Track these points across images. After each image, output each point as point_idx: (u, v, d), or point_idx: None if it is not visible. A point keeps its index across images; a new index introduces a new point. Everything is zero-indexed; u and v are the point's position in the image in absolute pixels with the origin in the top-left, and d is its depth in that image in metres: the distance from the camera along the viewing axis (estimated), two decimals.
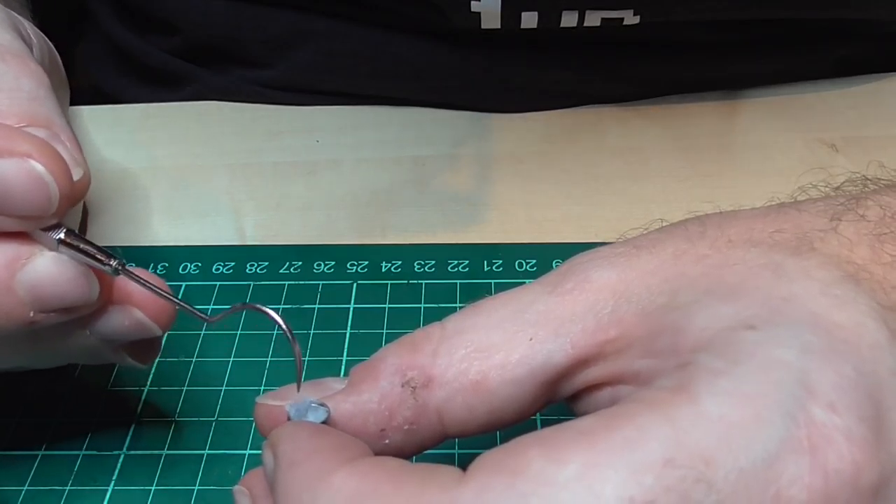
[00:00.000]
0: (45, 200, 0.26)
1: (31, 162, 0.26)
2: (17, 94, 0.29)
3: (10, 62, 0.30)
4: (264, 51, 0.51)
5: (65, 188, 0.26)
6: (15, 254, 0.27)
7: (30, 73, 0.30)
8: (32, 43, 0.33)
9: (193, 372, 0.36)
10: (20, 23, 0.33)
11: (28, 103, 0.29)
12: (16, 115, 0.28)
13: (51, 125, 0.29)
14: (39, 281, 0.27)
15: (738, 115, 0.50)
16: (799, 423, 0.20)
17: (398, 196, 0.45)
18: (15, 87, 0.29)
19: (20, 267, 0.27)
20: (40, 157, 0.26)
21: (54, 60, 0.36)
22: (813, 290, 0.22)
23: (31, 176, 0.26)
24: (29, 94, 0.29)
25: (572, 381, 0.25)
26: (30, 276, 0.27)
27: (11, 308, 0.27)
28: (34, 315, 0.27)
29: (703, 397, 0.20)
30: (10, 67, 0.30)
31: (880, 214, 0.25)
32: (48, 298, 0.27)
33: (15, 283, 0.27)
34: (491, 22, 0.45)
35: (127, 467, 0.33)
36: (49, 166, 0.26)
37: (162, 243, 0.43)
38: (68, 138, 0.29)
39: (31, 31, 0.34)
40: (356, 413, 0.25)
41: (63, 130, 0.29)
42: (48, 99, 0.30)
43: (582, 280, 0.25)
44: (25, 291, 0.27)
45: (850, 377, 0.21)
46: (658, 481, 0.19)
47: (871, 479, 0.20)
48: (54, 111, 0.29)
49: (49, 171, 0.26)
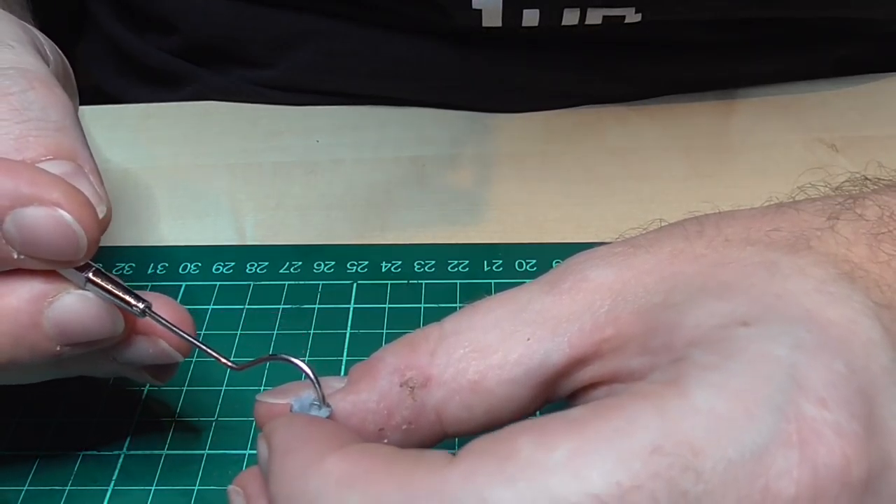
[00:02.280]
0: (73, 248, 0.26)
1: (60, 212, 0.26)
2: (44, 124, 0.29)
3: (38, 89, 0.29)
4: (264, 51, 0.51)
5: (92, 234, 0.27)
6: (43, 291, 0.27)
7: (56, 101, 0.30)
8: (49, 59, 0.33)
9: (193, 372, 0.36)
10: (36, 38, 0.33)
11: (54, 134, 0.29)
12: (43, 147, 0.28)
13: (76, 158, 0.29)
14: (66, 317, 0.27)
15: (738, 115, 0.50)
16: (789, 417, 0.20)
17: (398, 196, 0.45)
18: (42, 116, 0.29)
19: (48, 304, 0.27)
20: (69, 205, 0.26)
21: (67, 72, 0.36)
22: (807, 287, 0.22)
23: (60, 225, 0.26)
24: (55, 124, 0.29)
25: (570, 380, 0.25)
26: (56, 312, 0.27)
27: (38, 342, 0.27)
28: (60, 348, 0.28)
29: (693, 390, 0.21)
30: (38, 96, 0.29)
31: (878, 214, 0.25)
32: (74, 334, 0.28)
33: (42, 318, 0.27)
34: (492, 20, 0.45)
35: (127, 467, 0.33)
36: (76, 214, 0.26)
37: (162, 243, 0.43)
38: (91, 171, 0.29)
39: (47, 45, 0.34)
40: (355, 412, 0.25)
41: (87, 163, 0.29)
42: (74, 129, 0.30)
43: (579, 279, 0.25)
44: (52, 327, 0.27)
45: (842, 373, 0.21)
46: (645, 467, 0.19)
47: (860, 474, 0.20)
48: (79, 142, 0.29)
49: (76, 219, 0.26)
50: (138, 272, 0.41)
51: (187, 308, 0.30)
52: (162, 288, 0.39)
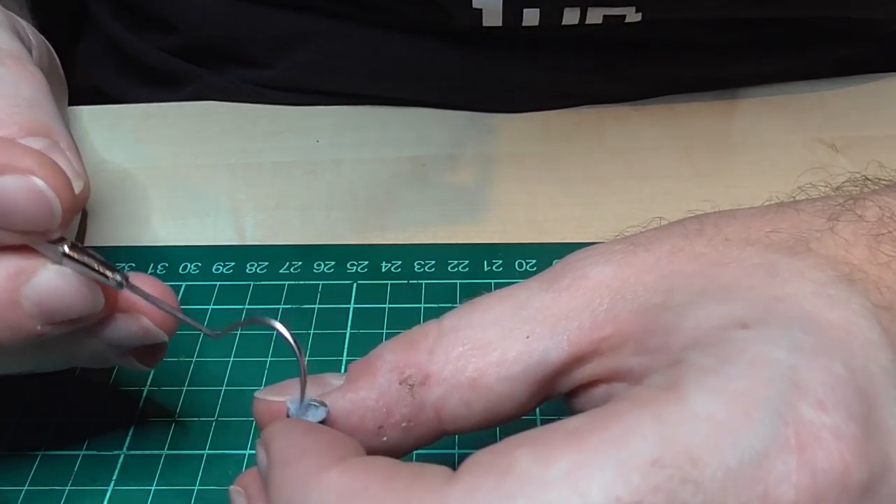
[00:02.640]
0: (48, 216, 0.26)
1: (34, 178, 0.26)
2: (17, 100, 0.29)
3: (10, 65, 0.29)
4: (264, 51, 0.51)
5: (67, 202, 0.26)
6: (19, 268, 0.27)
7: (29, 77, 0.30)
8: (31, 45, 0.33)
9: (193, 372, 0.36)
10: (19, 24, 0.33)
11: (28, 110, 0.28)
12: (15, 123, 0.28)
13: (51, 133, 0.28)
14: (45, 294, 0.27)
15: (738, 114, 0.50)
16: (787, 421, 0.20)
17: (398, 196, 0.45)
18: (14, 92, 0.29)
19: (25, 281, 0.27)
20: (42, 172, 0.26)
21: (53, 62, 0.36)
22: (806, 290, 0.22)
23: (34, 192, 0.26)
24: (28, 100, 0.29)
25: (569, 378, 0.25)
26: (35, 289, 0.27)
27: (19, 321, 0.27)
28: (41, 327, 0.27)
29: (691, 396, 0.20)
30: (9, 71, 0.29)
31: (879, 215, 0.25)
32: (54, 311, 0.27)
33: (21, 297, 0.27)
34: (492, 19, 0.45)
35: (127, 467, 0.33)
36: (51, 182, 0.26)
37: (162, 243, 0.43)
38: (68, 147, 0.29)
39: (31, 33, 0.34)
40: (354, 410, 0.25)
41: (63, 139, 0.29)
42: (48, 105, 0.29)
43: (579, 277, 0.25)
44: (31, 305, 0.27)
45: (841, 375, 0.21)
46: (645, 481, 0.19)
47: (860, 477, 0.20)
48: (54, 118, 0.29)
49: (51, 186, 0.26)
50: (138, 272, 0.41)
51: (187, 308, 0.30)
52: None
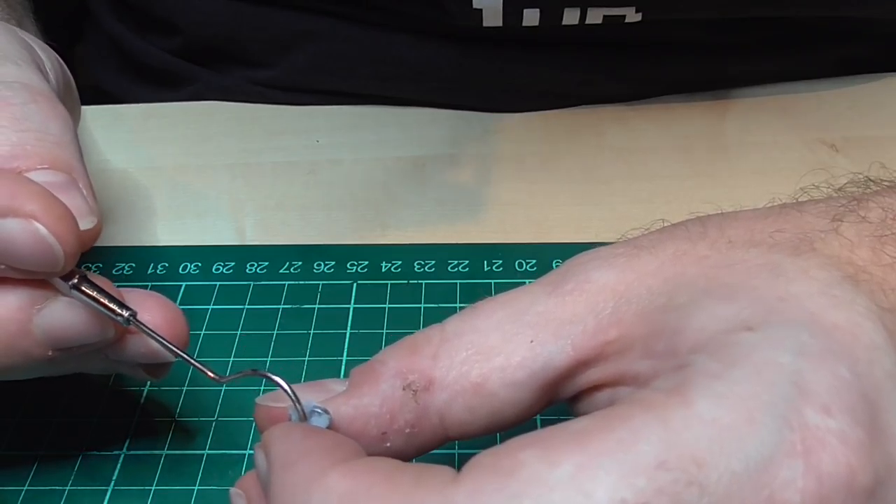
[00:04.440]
0: (50, 260, 0.27)
1: (35, 224, 0.26)
2: (44, 136, 0.29)
3: (41, 104, 0.30)
4: (264, 51, 0.51)
5: (70, 246, 0.27)
6: (30, 299, 0.28)
7: (57, 116, 0.30)
8: (47, 70, 0.33)
9: (193, 372, 0.36)
10: (35, 53, 0.33)
11: (52, 147, 0.29)
12: (39, 157, 0.28)
13: (71, 171, 0.29)
14: (55, 324, 0.28)
15: (739, 115, 0.50)
16: (792, 425, 0.20)
17: (398, 196, 0.45)
18: (43, 129, 0.29)
19: (36, 312, 0.28)
20: (45, 218, 0.26)
21: (69, 87, 0.36)
22: (811, 290, 0.22)
23: (35, 238, 0.26)
24: (54, 137, 0.29)
25: (573, 382, 0.25)
26: (45, 320, 0.28)
27: (30, 349, 0.28)
28: (53, 353, 0.28)
29: (696, 400, 0.20)
30: (39, 109, 0.30)
31: (882, 216, 0.25)
32: (65, 340, 0.28)
33: (32, 326, 0.28)
34: (492, 19, 0.45)
35: (127, 467, 0.33)
36: (53, 227, 0.26)
37: (162, 243, 0.43)
38: (85, 185, 0.29)
39: (44, 55, 0.34)
40: (357, 416, 0.25)
41: (82, 178, 0.29)
42: (72, 144, 0.30)
43: (582, 281, 0.25)
44: (42, 333, 0.28)
45: (846, 379, 0.21)
46: (650, 483, 0.19)
47: (865, 481, 0.20)
48: (76, 157, 0.30)
49: (52, 231, 0.26)
50: (138, 272, 0.41)
51: (187, 308, 0.30)
52: (162, 288, 0.39)
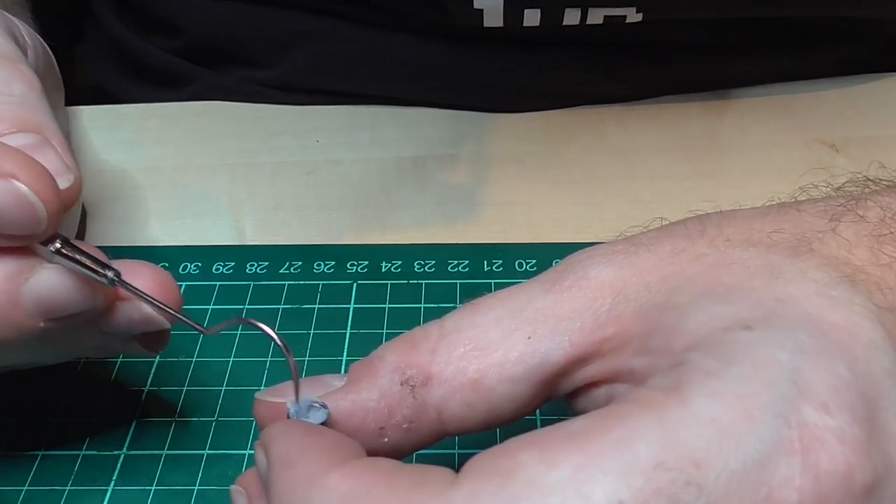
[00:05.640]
0: (32, 220, 0.26)
1: (15, 183, 0.26)
2: (8, 98, 0.29)
3: (2, 65, 0.30)
4: (264, 51, 0.51)
5: (52, 204, 0.26)
6: (17, 268, 0.27)
7: (21, 76, 0.30)
8: (27, 45, 0.33)
9: (193, 372, 0.36)
10: (14, 25, 0.33)
11: (19, 108, 0.29)
12: (6, 121, 0.28)
13: (42, 130, 0.29)
14: (44, 293, 0.27)
15: (738, 115, 0.50)
16: (790, 423, 0.20)
17: (398, 196, 0.45)
18: (5, 91, 0.29)
19: (24, 281, 0.27)
20: (24, 176, 0.26)
21: (49, 63, 0.36)
22: (809, 291, 0.22)
23: (16, 197, 0.26)
24: (19, 98, 0.29)
25: (570, 378, 0.25)
26: (34, 289, 0.27)
27: (21, 320, 0.27)
28: (44, 324, 0.28)
29: (694, 398, 0.20)
30: (1, 71, 0.29)
31: (880, 215, 0.25)
32: (55, 308, 0.27)
33: (21, 296, 0.27)
34: (493, 20, 0.45)
35: (127, 467, 0.33)
36: (33, 185, 0.26)
37: (162, 243, 0.43)
38: (59, 143, 0.29)
39: (26, 34, 0.34)
40: (355, 411, 0.25)
41: (54, 135, 0.29)
42: (39, 103, 0.29)
43: (580, 277, 0.25)
44: (32, 303, 0.27)
45: (844, 377, 0.21)
46: (648, 484, 0.19)
47: (863, 479, 0.20)
48: (46, 116, 0.29)
49: (34, 190, 0.26)
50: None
51: (187, 308, 0.30)
52: None
